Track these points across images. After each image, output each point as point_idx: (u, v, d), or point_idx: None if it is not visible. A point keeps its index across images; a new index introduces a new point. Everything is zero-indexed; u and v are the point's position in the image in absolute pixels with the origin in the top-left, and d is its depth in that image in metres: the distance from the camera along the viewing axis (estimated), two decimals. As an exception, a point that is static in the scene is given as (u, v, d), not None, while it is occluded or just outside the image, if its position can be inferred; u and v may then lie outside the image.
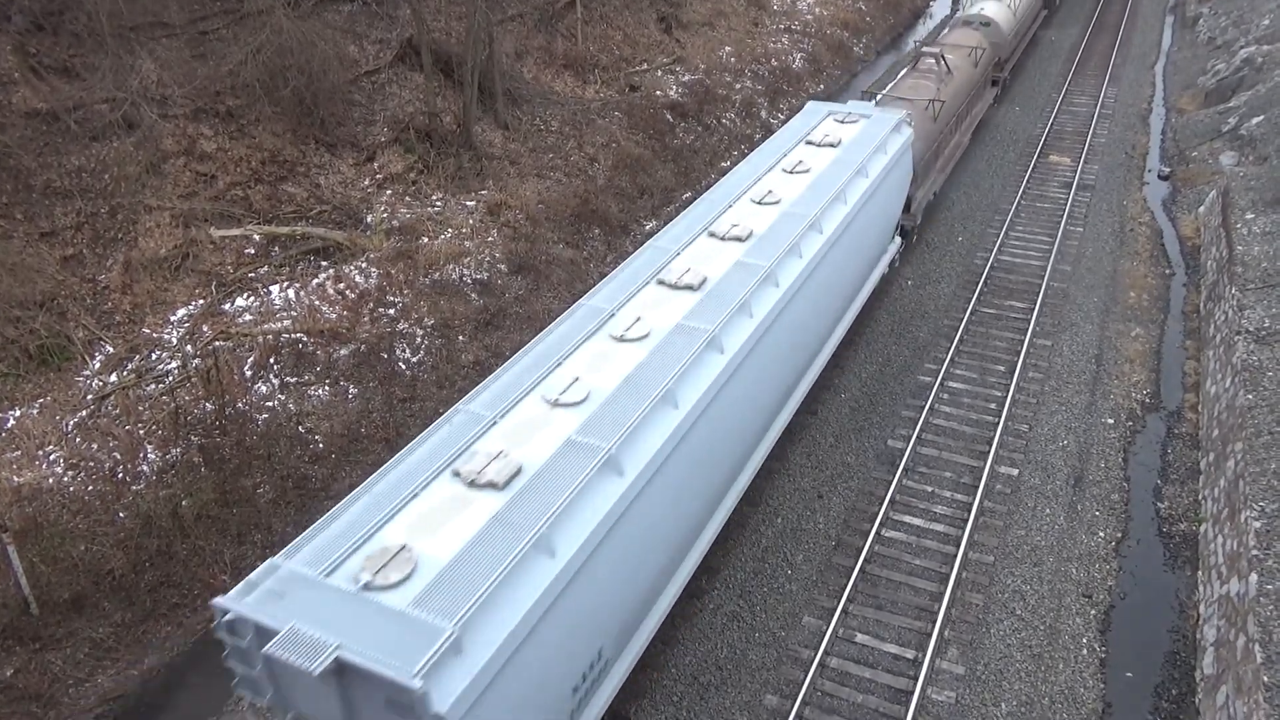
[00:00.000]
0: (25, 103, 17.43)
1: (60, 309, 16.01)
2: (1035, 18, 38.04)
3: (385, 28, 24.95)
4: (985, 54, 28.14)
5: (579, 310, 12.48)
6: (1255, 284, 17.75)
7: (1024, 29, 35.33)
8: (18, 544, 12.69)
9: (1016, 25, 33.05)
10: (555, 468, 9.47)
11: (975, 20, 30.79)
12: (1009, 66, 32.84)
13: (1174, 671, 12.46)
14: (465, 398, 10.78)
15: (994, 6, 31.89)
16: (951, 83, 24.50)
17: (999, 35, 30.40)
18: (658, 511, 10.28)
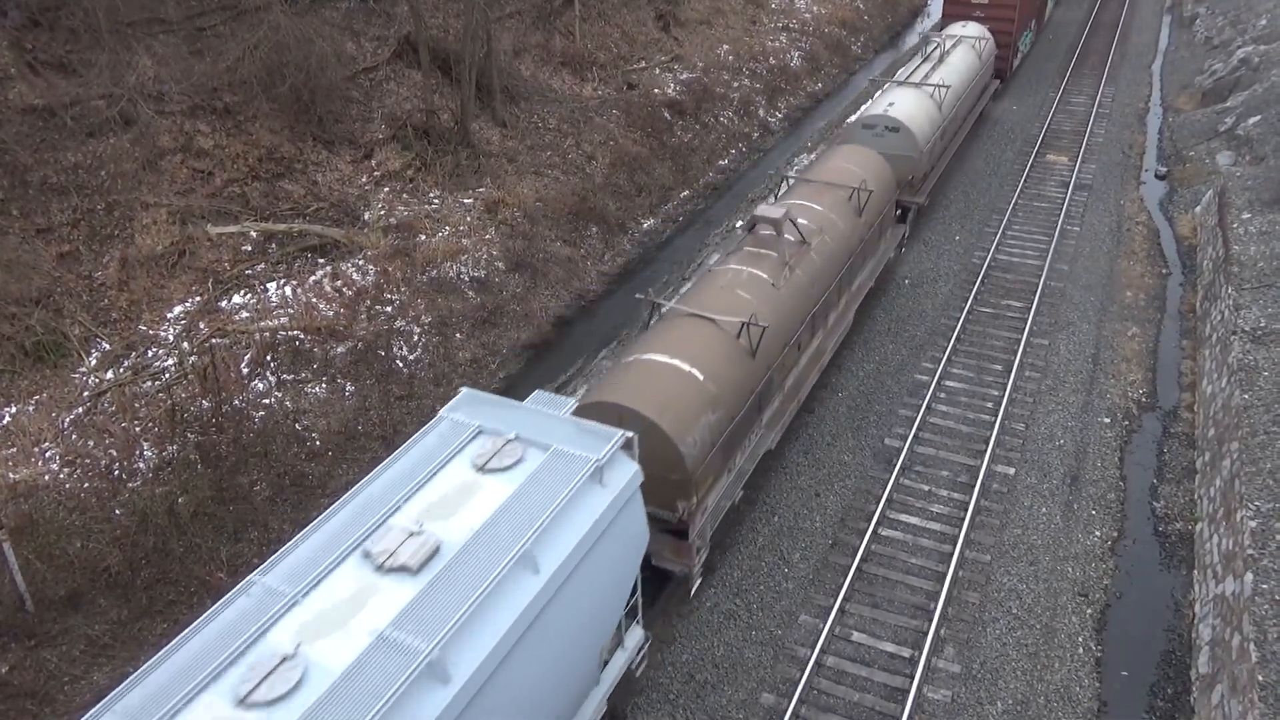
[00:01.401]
0: (22, 99, 17.38)
1: (56, 306, 15.97)
2: (980, 95, 29.11)
3: (383, 25, 24.91)
4: (878, 191, 18.73)
5: None
6: (1251, 284, 17.78)
7: (960, 119, 26.19)
8: (14, 541, 12.67)
9: (944, 121, 23.96)
10: None
11: (879, 125, 22.27)
12: (929, 185, 23.28)
13: (1169, 670, 12.49)
14: None
15: (910, 100, 23.04)
16: (800, 268, 15.31)
17: (911, 146, 22.02)
18: None
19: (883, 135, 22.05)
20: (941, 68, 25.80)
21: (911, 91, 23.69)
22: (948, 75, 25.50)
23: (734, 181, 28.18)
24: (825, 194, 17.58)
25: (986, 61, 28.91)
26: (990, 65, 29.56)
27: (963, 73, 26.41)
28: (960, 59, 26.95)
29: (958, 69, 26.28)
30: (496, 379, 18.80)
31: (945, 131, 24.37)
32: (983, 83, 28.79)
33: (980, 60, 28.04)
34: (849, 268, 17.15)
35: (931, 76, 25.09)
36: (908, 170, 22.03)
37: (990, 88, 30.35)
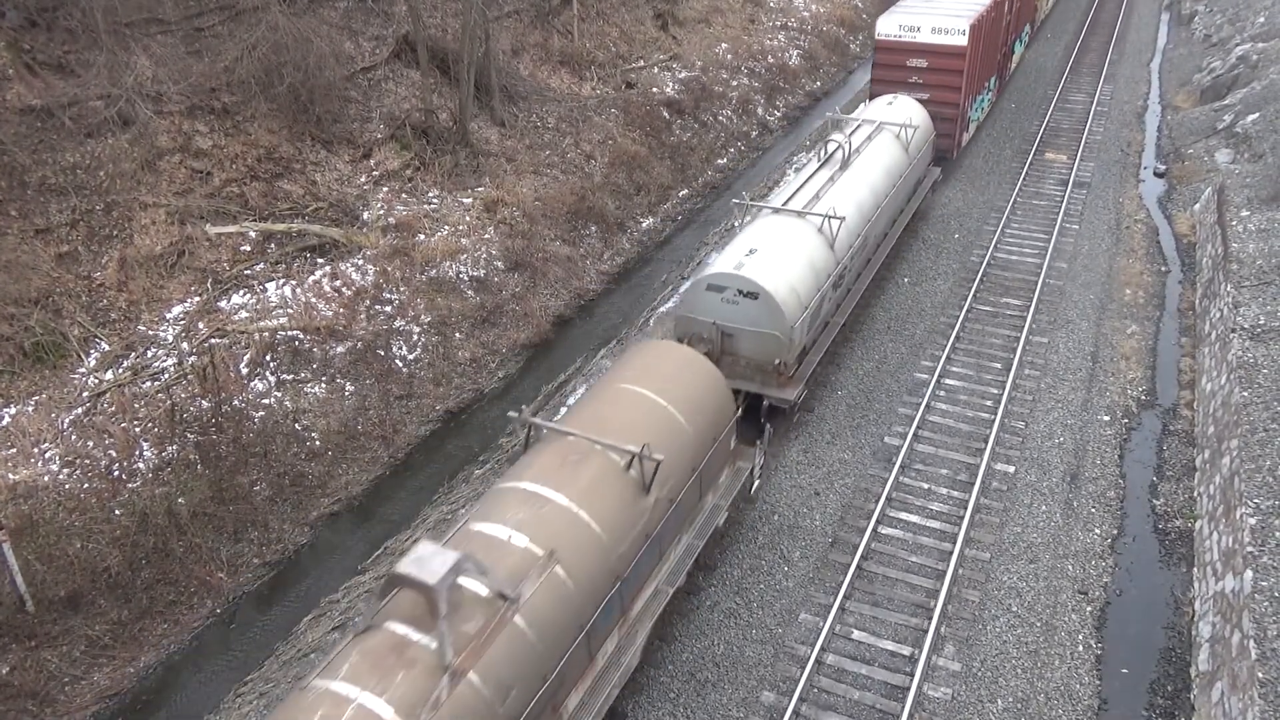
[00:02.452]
0: (20, 99, 17.36)
1: (55, 306, 15.96)
2: (909, 199, 22.28)
3: (381, 24, 24.90)
4: (695, 434, 12.04)
5: None
6: (1250, 281, 17.79)
7: (867, 255, 19.28)
8: (13, 542, 12.67)
9: (838, 269, 17.08)
10: None
11: (729, 288, 15.27)
12: (808, 369, 16.38)
13: (1169, 668, 12.50)
14: None
15: (782, 244, 16.08)
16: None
17: (775, 320, 15.13)
18: None
19: (736, 303, 15.18)
20: (844, 179, 18.66)
21: (787, 228, 16.49)
22: (851, 192, 18.39)
23: (732, 180, 28.18)
24: (584, 469, 10.55)
25: (919, 151, 22.09)
26: (926, 153, 22.84)
27: (877, 183, 19.36)
28: (876, 160, 19.80)
29: (869, 179, 19.14)
30: (496, 378, 18.81)
31: (841, 280, 17.51)
32: (911, 183, 21.79)
33: (908, 153, 21.26)
34: None
35: (827, 194, 17.94)
36: (772, 353, 15.34)
37: (928, 179, 23.46)
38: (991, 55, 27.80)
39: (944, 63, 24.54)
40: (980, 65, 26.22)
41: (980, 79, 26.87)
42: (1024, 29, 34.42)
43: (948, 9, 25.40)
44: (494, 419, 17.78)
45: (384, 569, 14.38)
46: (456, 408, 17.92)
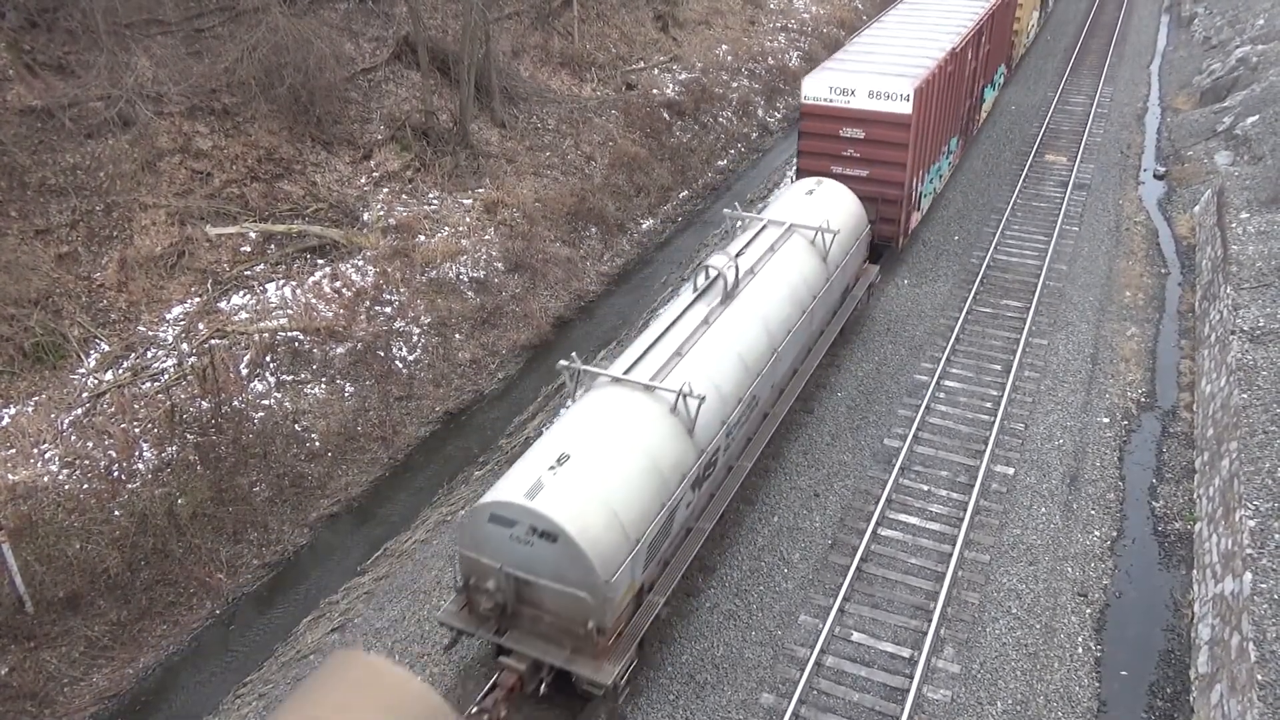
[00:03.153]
0: (20, 100, 17.37)
1: (55, 307, 15.97)
2: (829, 322, 17.34)
3: (382, 25, 24.91)
4: None
5: None
6: (1250, 283, 17.80)
7: (749, 430, 14.17)
8: (13, 542, 12.67)
9: (696, 467, 12.08)
10: None
11: (520, 523, 10.40)
12: (630, 644, 10.97)
13: (1169, 670, 12.50)
14: None
15: (607, 444, 11.21)
16: None
17: (580, 573, 10.30)
18: None
19: (529, 543, 10.38)
20: (724, 321, 13.60)
21: (625, 410, 11.68)
22: (731, 342, 13.38)
23: (733, 182, 28.20)
24: None
25: (845, 255, 17.19)
26: (858, 253, 18.18)
27: (776, 317, 14.47)
28: (776, 285, 14.86)
29: (762, 314, 14.21)
30: (496, 380, 18.81)
31: (707, 473, 12.53)
32: (833, 298, 17.02)
33: (827, 263, 16.33)
34: None
35: (693, 350, 12.87)
36: (580, 616, 10.46)
37: (861, 283, 18.80)
38: (951, 115, 23.13)
39: (885, 134, 19.41)
40: (934, 131, 21.41)
41: (935, 147, 21.95)
42: (998, 70, 30.18)
43: (891, 66, 20.36)
44: (494, 420, 17.78)
45: (384, 570, 14.39)
46: (456, 409, 17.93)
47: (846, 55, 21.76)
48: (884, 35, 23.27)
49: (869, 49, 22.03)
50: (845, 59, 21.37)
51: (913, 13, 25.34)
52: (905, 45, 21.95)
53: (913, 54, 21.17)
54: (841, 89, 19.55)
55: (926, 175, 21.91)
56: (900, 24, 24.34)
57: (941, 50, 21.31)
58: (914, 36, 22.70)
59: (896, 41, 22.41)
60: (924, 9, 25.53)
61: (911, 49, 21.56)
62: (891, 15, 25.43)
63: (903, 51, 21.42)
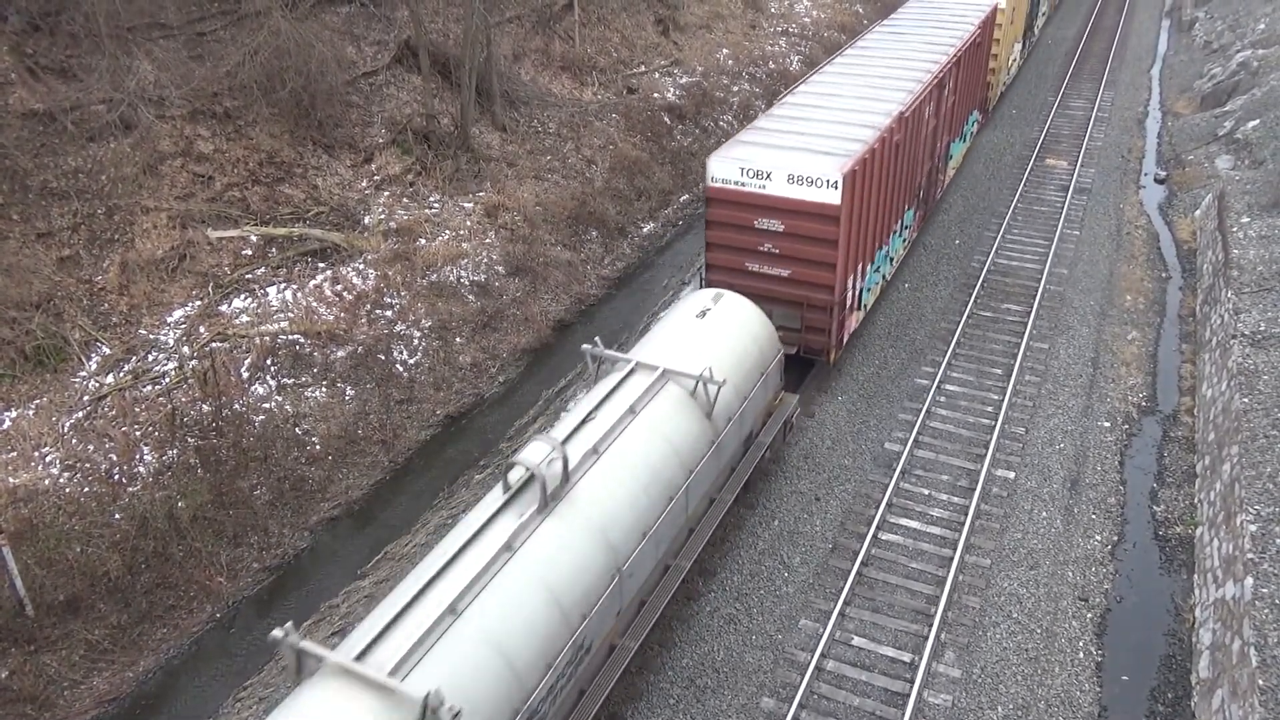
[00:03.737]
0: (22, 103, 17.39)
1: (56, 310, 15.98)
2: (724, 483, 13.56)
3: (383, 29, 24.95)
4: None
5: None
6: (1251, 288, 17.79)
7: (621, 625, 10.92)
8: (13, 545, 12.67)
9: None
10: None
11: None
12: None
13: (1170, 675, 12.48)
14: None
15: None
16: None
17: None
18: None
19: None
20: (535, 542, 9.64)
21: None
22: (543, 577, 9.47)
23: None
24: None
25: (743, 406, 13.47)
26: (761, 397, 14.18)
27: (620, 530, 10.53)
28: (627, 473, 10.96)
29: (603, 525, 10.35)
30: (496, 383, 18.81)
31: None
32: (720, 466, 13.09)
33: (712, 422, 12.58)
34: None
35: (472, 607, 8.85)
36: None
37: (770, 427, 14.85)
38: (901, 189, 19.19)
39: (809, 227, 15.62)
40: (875, 217, 17.63)
41: (878, 233, 18.19)
42: (969, 119, 26.34)
43: (819, 140, 16.45)
44: (495, 424, 17.78)
45: (384, 573, 14.39)
46: (457, 412, 17.93)
47: (767, 124, 17.62)
48: (818, 95, 19.11)
49: (796, 116, 17.93)
50: (765, 130, 17.29)
51: (858, 64, 21.15)
52: (843, 110, 18.15)
53: (850, 121, 17.49)
54: (755, 171, 15.60)
55: (868, 267, 18.01)
56: (841, 79, 20.14)
57: (886, 116, 17.62)
58: (856, 96, 18.85)
59: (833, 103, 18.55)
60: (872, 58, 21.51)
61: (850, 115, 17.82)
62: (833, 68, 21.09)
63: (839, 118, 17.71)
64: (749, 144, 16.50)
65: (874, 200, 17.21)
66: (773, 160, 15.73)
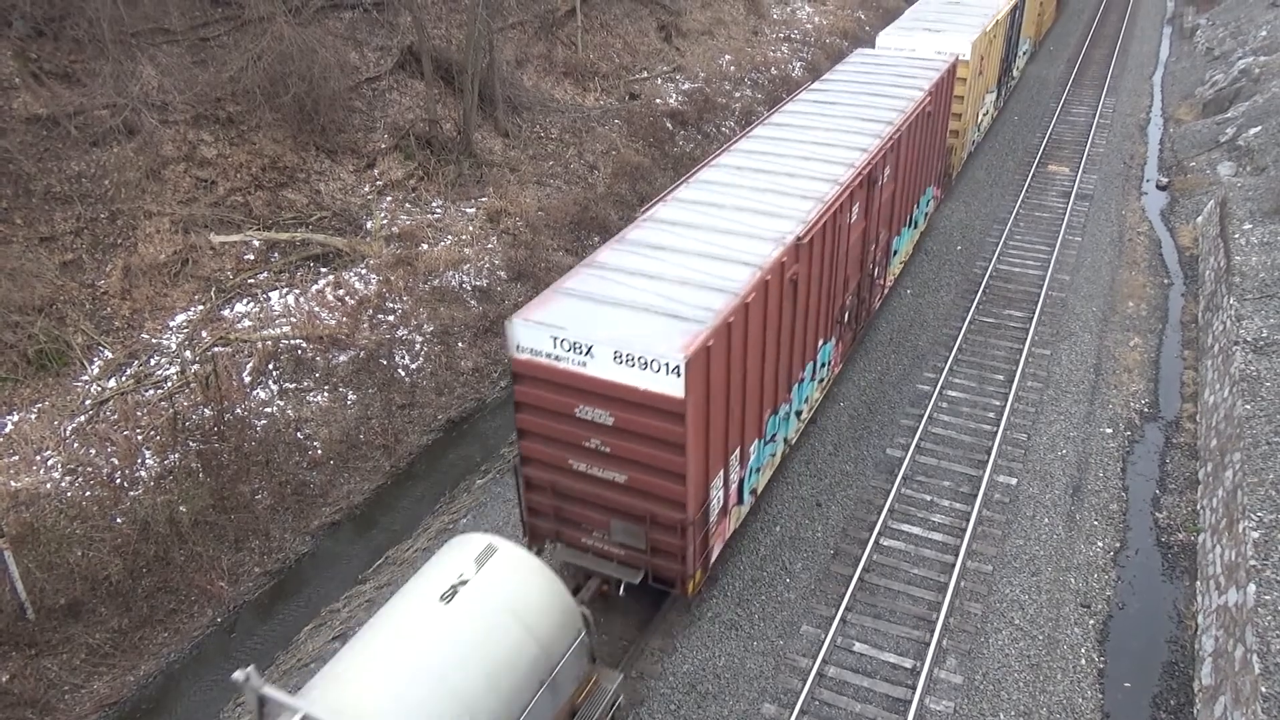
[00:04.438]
0: (26, 108, 17.45)
1: (59, 314, 16.00)
2: None
3: (386, 35, 25.01)
4: None
5: None
6: (1253, 294, 17.79)
7: None
8: (15, 549, 12.67)
9: None
10: None
11: None
12: None
13: (1172, 682, 12.45)
14: None
15: None
16: None
17: None
18: None
19: None
20: None
21: None
22: None
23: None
24: None
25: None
26: (548, 703, 9.44)
27: None
28: None
29: None
30: (498, 388, 18.81)
31: None
32: None
33: None
34: None
35: None
36: None
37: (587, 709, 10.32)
38: (801, 334, 14.27)
39: (646, 424, 10.94)
40: (757, 388, 12.87)
41: (762, 407, 13.34)
42: (922, 198, 21.24)
43: (666, 291, 11.72)
44: (496, 428, 17.78)
45: (385, 578, 14.38)
46: (459, 417, 17.93)
47: (610, 259, 12.54)
48: (692, 207, 13.93)
49: (654, 245, 12.84)
50: (601, 272, 12.16)
51: (763, 152, 15.92)
52: (718, 233, 13.10)
53: (725, 254, 12.53)
54: (573, 343, 10.82)
55: (752, 449, 13.28)
56: (734, 177, 14.99)
57: (776, 244, 12.73)
58: (742, 208, 13.79)
59: (708, 221, 13.44)
60: (783, 142, 16.36)
61: (726, 242, 12.84)
62: (730, 158, 15.87)
63: (709, 247, 12.70)
64: (571, 296, 11.63)
65: (751, 370, 12.43)
66: (596, 327, 10.97)
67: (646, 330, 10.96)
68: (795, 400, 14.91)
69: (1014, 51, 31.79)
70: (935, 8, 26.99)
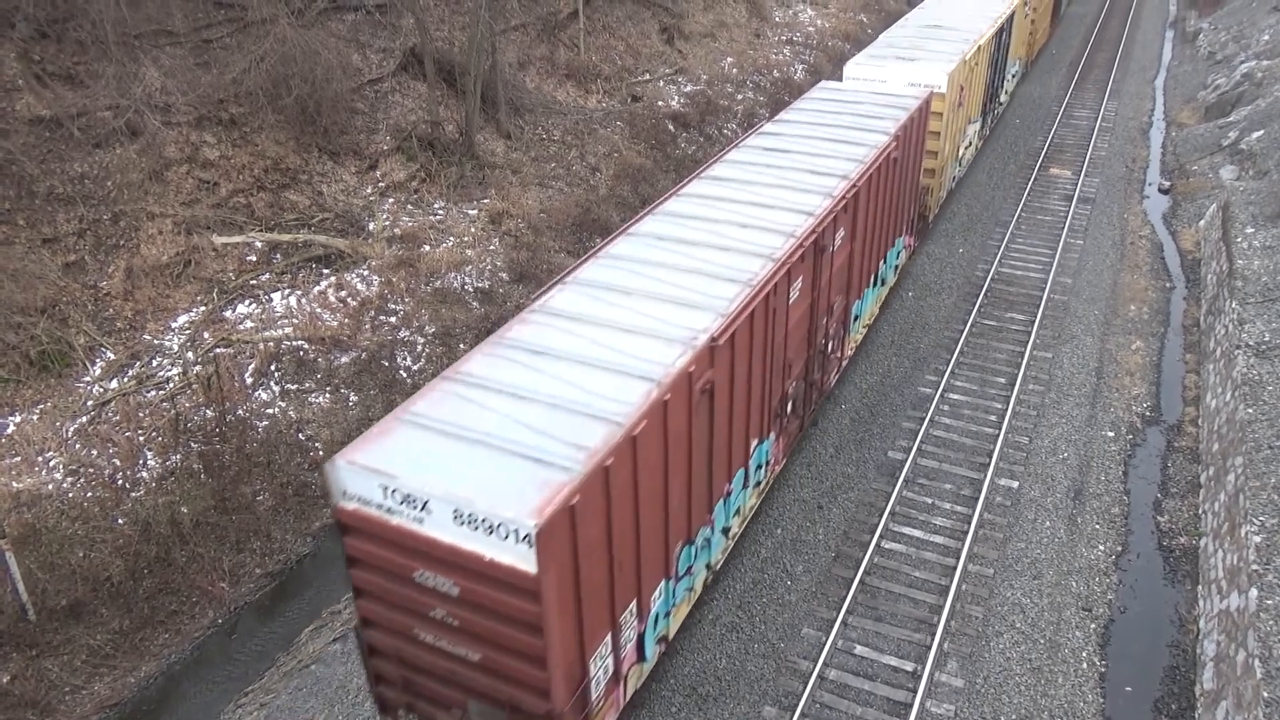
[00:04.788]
0: (29, 109, 17.48)
1: (62, 315, 16.02)
2: None
3: (389, 37, 25.04)
4: None
5: None
6: (1255, 298, 17.77)
7: None
8: (16, 550, 12.69)
9: None
10: None
11: None
12: None
13: (1174, 686, 12.43)
14: None
15: None
16: None
17: None
18: None
19: None
20: None
21: None
22: None
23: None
24: None
25: None
26: None
27: None
28: None
29: None
30: (499, 390, 18.81)
31: None
32: None
33: None
34: None
35: None
36: None
37: None
38: (721, 450, 11.80)
39: (496, 599, 8.59)
40: (652, 531, 10.34)
41: (664, 550, 10.83)
42: (890, 253, 18.90)
43: (530, 420, 9.33)
44: (497, 430, 17.77)
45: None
46: (460, 419, 17.92)
47: (479, 368, 10.10)
48: (586, 302, 11.40)
49: (521, 357, 10.32)
50: (450, 397, 9.70)
51: (694, 215, 13.57)
52: (611, 330, 10.72)
53: (611, 365, 10.11)
54: (406, 495, 8.59)
55: (643, 612, 10.60)
56: (651, 251, 12.58)
57: (686, 346, 10.39)
58: (654, 295, 11.39)
59: (602, 317, 11.00)
60: (718, 203, 13.95)
61: (617, 348, 10.39)
62: (651, 224, 13.46)
63: (593, 356, 10.27)
64: (416, 426, 9.27)
65: (649, 508, 10.02)
66: (437, 474, 8.59)
67: (498, 481, 8.46)
68: (721, 517, 12.51)
69: (1000, 76, 29.09)
70: (912, 32, 24.84)
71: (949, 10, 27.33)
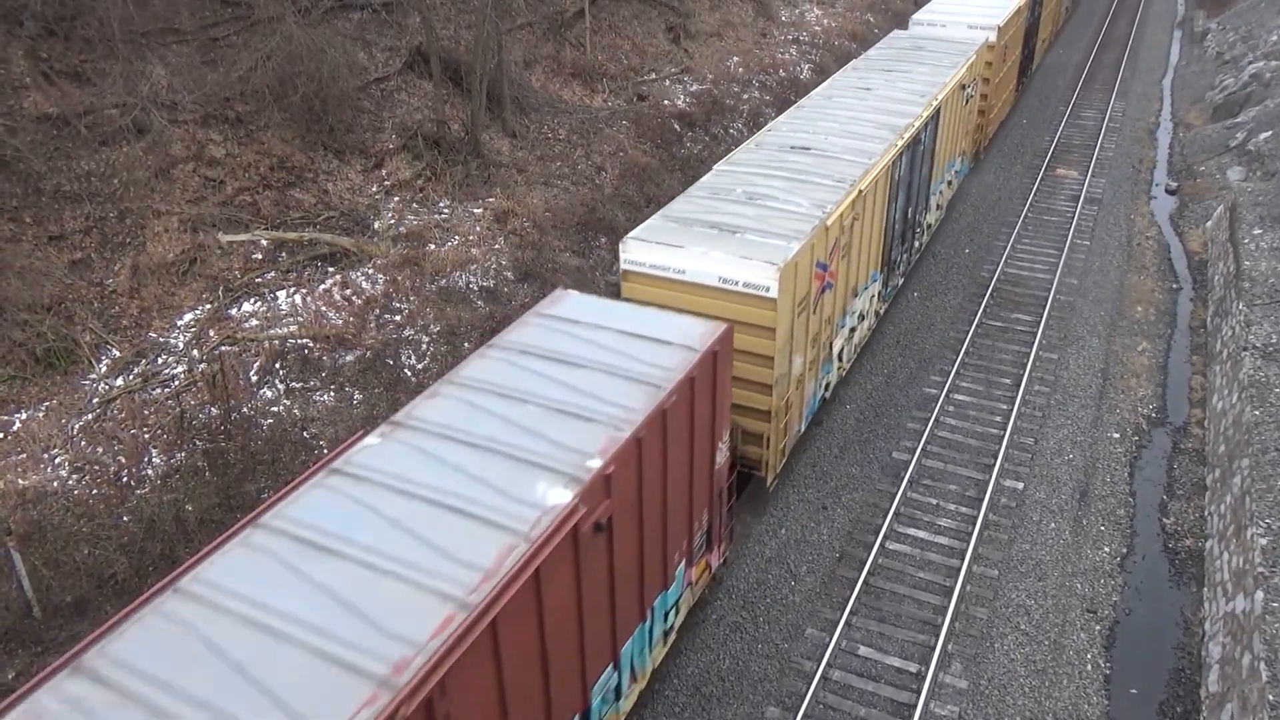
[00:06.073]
0: (36, 107, 17.51)
1: (67, 312, 16.05)
2: None
3: (395, 36, 25.05)
4: None
5: None
6: (1262, 299, 17.70)
7: None
8: (21, 547, 12.71)
9: None
10: None
11: None
12: None
13: (1179, 689, 12.39)
14: None
15: None
16: None
17: None
18: None
19: None
20: None
21: None
22: None
23: (743, 193, 28.20)
24: None
25: None
26: None
27: None
28: None
29: None
30: (504, 389, 18.81)
31: None
32: None
33: None
34: None
35: None
36: None
37: None
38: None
39: None
40: None
41: None
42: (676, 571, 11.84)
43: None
44: (501, 429, 17.77)
45: (390, 578, 14.38)
46: (464, 418, 17.92)
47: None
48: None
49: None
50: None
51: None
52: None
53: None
54: None
55: None
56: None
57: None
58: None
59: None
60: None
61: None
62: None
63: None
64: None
65: None
66: None
67: None
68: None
69: (917, 200, 20.05)
70: (760, 163, 16.51)
71: (825, 118, 18.50)
